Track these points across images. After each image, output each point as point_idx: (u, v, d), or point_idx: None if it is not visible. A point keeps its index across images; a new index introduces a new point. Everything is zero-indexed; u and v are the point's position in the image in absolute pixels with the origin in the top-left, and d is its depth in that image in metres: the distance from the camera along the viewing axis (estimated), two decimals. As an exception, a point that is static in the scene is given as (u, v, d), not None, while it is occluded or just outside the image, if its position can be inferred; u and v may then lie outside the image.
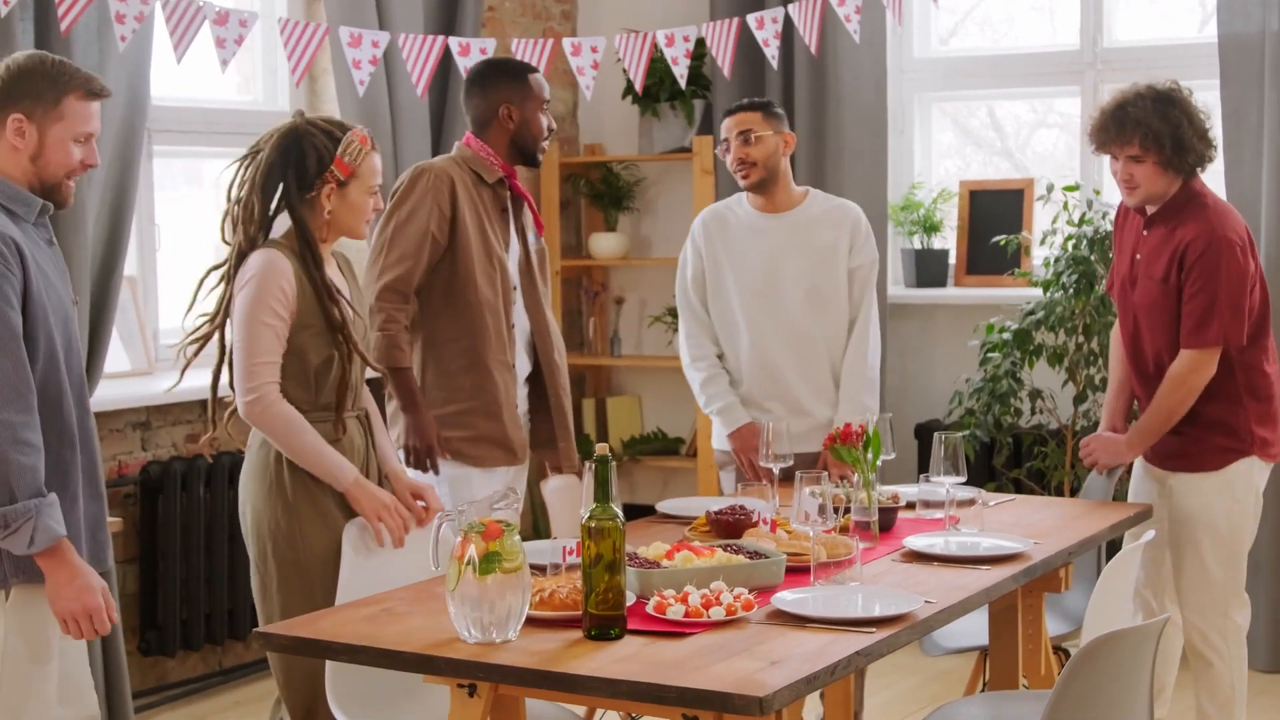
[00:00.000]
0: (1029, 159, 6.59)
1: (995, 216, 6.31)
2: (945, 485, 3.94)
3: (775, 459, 4.04)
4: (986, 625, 4.08)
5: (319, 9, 5.73)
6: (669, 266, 4.79)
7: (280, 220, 3.69)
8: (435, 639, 3.02)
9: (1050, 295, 5.60)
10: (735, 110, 4.61)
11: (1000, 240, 5.89)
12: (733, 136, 4.56)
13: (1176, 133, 4.14)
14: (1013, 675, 4.02)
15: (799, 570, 3.41)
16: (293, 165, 3.61)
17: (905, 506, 4.09)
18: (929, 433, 5.95)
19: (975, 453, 5.64)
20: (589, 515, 2.99)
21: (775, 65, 5.55)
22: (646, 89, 6.41)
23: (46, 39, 4.68)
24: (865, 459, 3.87)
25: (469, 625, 2.97)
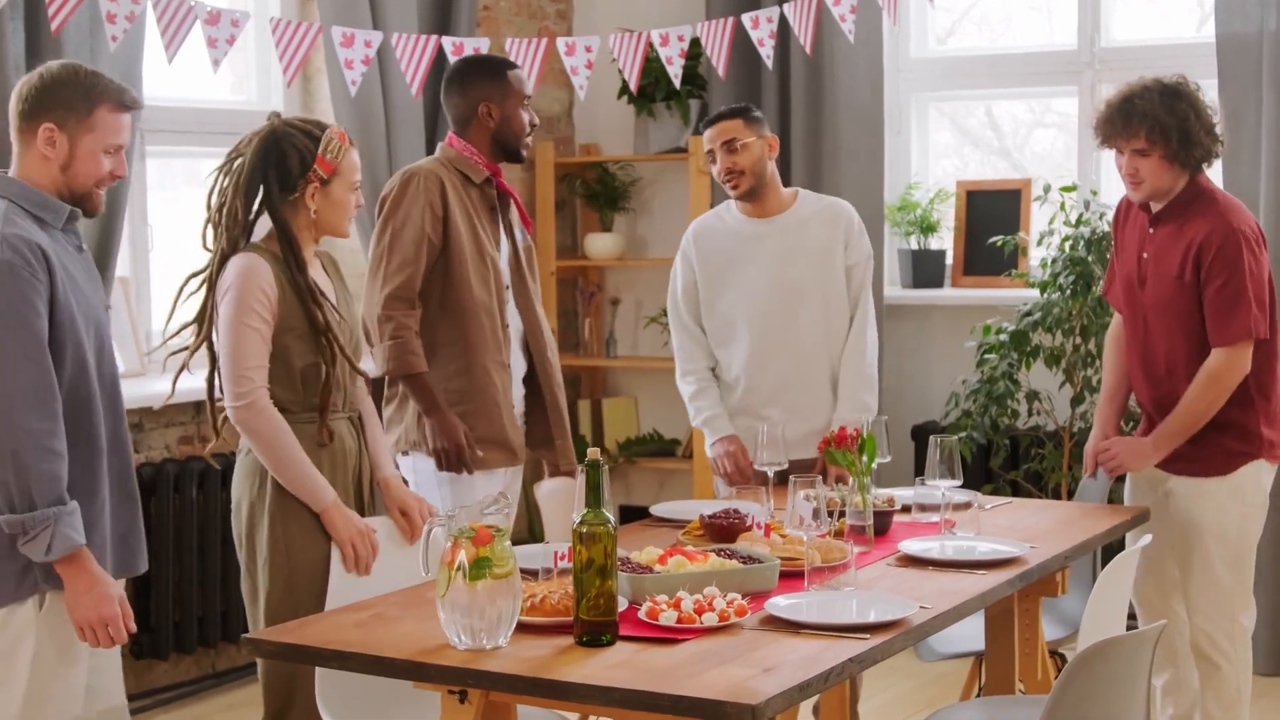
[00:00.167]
0: (1027, 159, 6.57)
1: (992, 217, 6.29)
2: (941, 489, 3.91)
3: (767, 463, 4.01)
4: (982, 630, 4.06)
5: (313, 9, 5.70)
6: (665, 267, 4.76)
7: (261, 224, 3.67)
8: (426, 645, 2.99)
9: (1047, 296, 5.57)
10: (715, 120, 4.56)
11: (997, 241, 5.87)
12: (717, 147, 4.52)
13: (1184, 126, 4.09)
14: (1009, 680, 4.00)
15: (793, 575, 3.39)
16: (274, 167, 3.59)
17: (901, 510, 4.07)
18: (926, 434, 5.91)
19: (972, 454, 5.63)
20: (580, 520, 2.97)
21: (770, 65, 5.52)
22: (642, 89, 6.39)
23: (37, 39, 4.66)
24: (860, 462, 3.84)
25: (459, 631, 2.95)
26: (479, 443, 4.21)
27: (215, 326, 3.59)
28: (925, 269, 6.37)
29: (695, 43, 5.37)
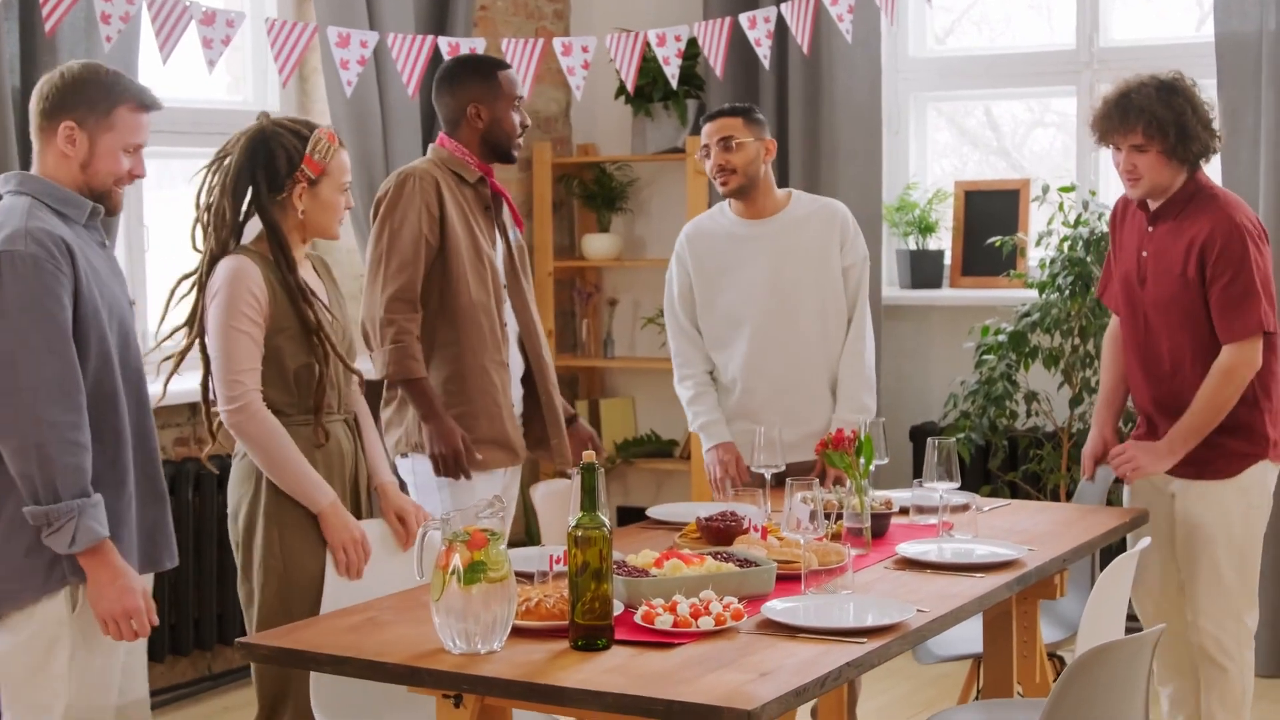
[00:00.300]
0: (1025, 158, 6.55)
1: (991, 217, 6.27)
2: (939, 491, 3.90)
3: (764, 465, 3.99)
4: (981, 632, 4.05)
5: (309, 9, 5.69)
6: (663, 267, 4.74)
7: (251, 226, 3.66)
8: (420, 649, 2.98)
9: (1046, 297, 5.56)
10: (716, 116, 4.54)
11: (996, 241, 5.85)
12: (713, 142, 4.50)
13: (1180, 120, 4.07)
14: (1007, 683, 3.98)
15: (790, 578, 3.37)
16: (262, 166, 3.58)
17: (899, 512, 4.05)
18: (924, 435, 5.90)
19: (970, 455, 5.61)
20: (575, 524, 2.95)
21: (767, 65, 5.50)
22: (639, 89, 6.37)
23: (31, 39, 4.64)
24: (858, 464, 3.82)
25: (454, 636, 2.93)
26: (480, 443, 4.19)
27: (205, 329, 3.57)
28: (923, 269, 6.35)
29: (692, 43, 5.35)
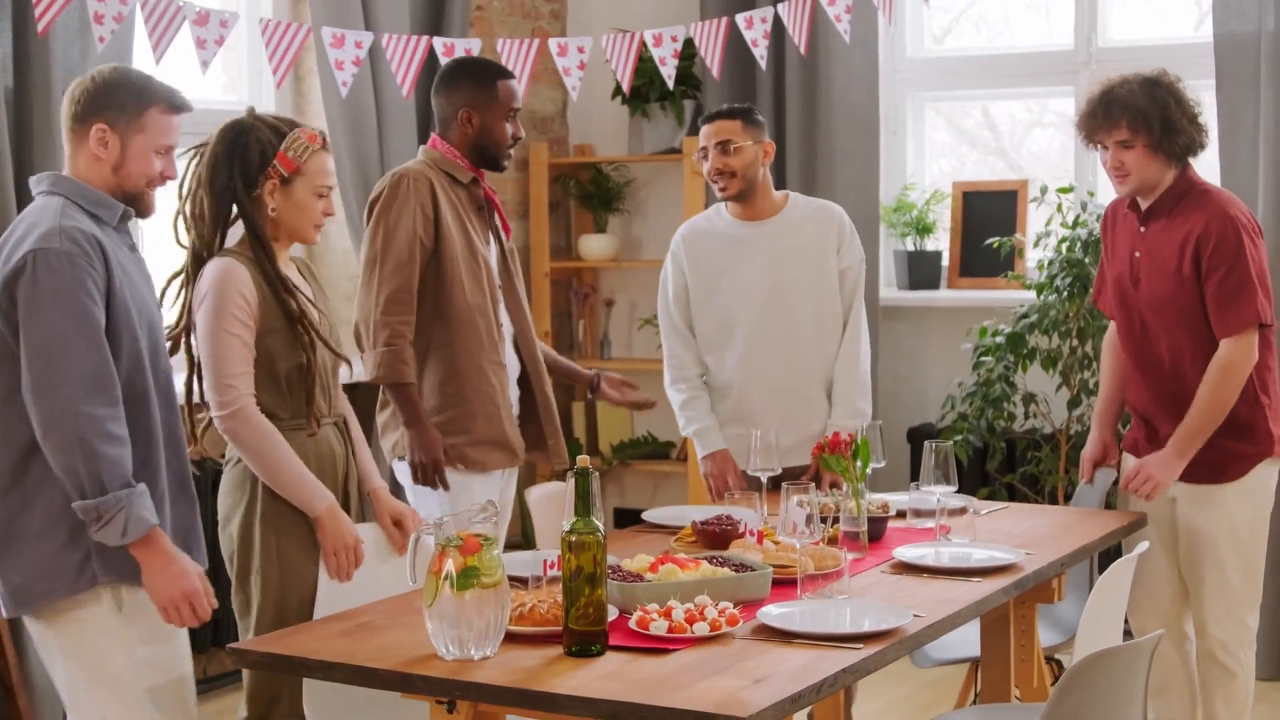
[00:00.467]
0: (1024, 158, 6.53)
1: (989, 218, 6.25)
2: (936, 494, 3.87)
3: (760, 468, 3.97)
4: (978, 636, 4.03)
5: (304, 9, 5.67)
6: (659, 268, 4.71)
7: (237, 229, 3.63)
8: (413, 655, 2.96)
9: (1044, 298, 5.54)
10: (714, 117, 4.51)
11: (994, 242, 5.83)
12: (711, 145, 4.47)
13: (1164, 113, 4.05)
14: (1005, 687, 3.96)
15: (786, 582, 3.35)
16: (238, 159, 3.54)
17: (896, 515, 4.03)
18: (921, 437, 5.89)
19: (968, 457, 5.59)
20: (570, 528, 2.93)
21: (764, 66, 5.48)
22: (636, 89, 6.35)
23: (24, 40, 4.62)
24: (854, 468, 3.80)
25: (447, 642, 2.91)
26: (478, 444, 4.17)
27: (192, 330, 3.54)
28: (921, 270, 6.33)
29: (689, 43, 5.33)
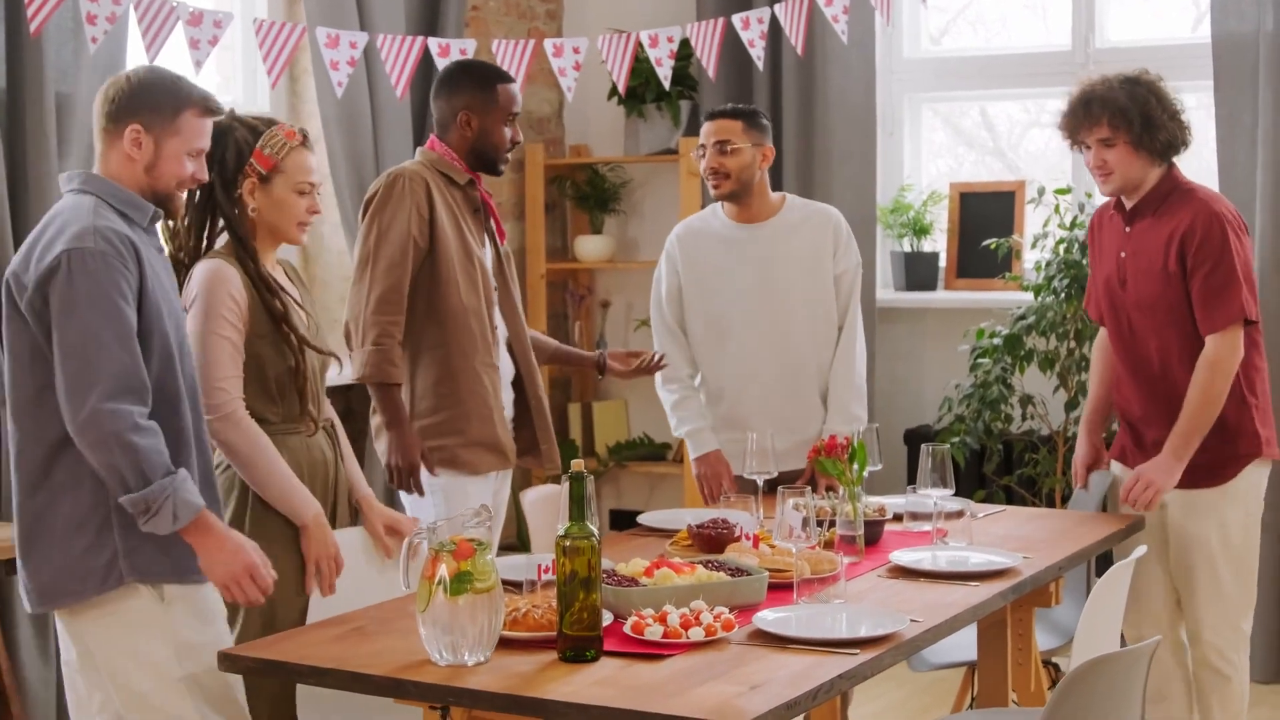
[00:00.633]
0: (1021, 159, 6.52)
1: (986, 219, 6.23)
2: (933, 497, 3.85)
3: (756, 472, 3.95)
4: (975, 639, 4.01)
5: (298, 9, 5.64)
6: (656, 269, 4.69)
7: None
8: (406, 660, 2.94)
9: (1041, 300, 5.52)
10: (717, 115, 4.49)
11: (991, 243, 5.82)
12: (710, 144, 4.45)
13: (1145, 110, 4.04)
14: (1002, 691, 3.94)
15: (782, 587, 3.33)
16: (216, 161, 3.52)
17: (892, 519, 4.01)
18: (918, 439, 5.88)
19: (965, 460, 5.57)
20: (564, 533, 2.91)
21: (761, 66, 5.46)
22: (632, 90, 6.33)
23: (16, 40, 4.60)
24: (850, 471, 3.78)
25: (440, 648, 2.89)
26: (470, 445, 4.14)
27: None
28: (918, 271, 6.31)
29: (685, 43, 5.31)
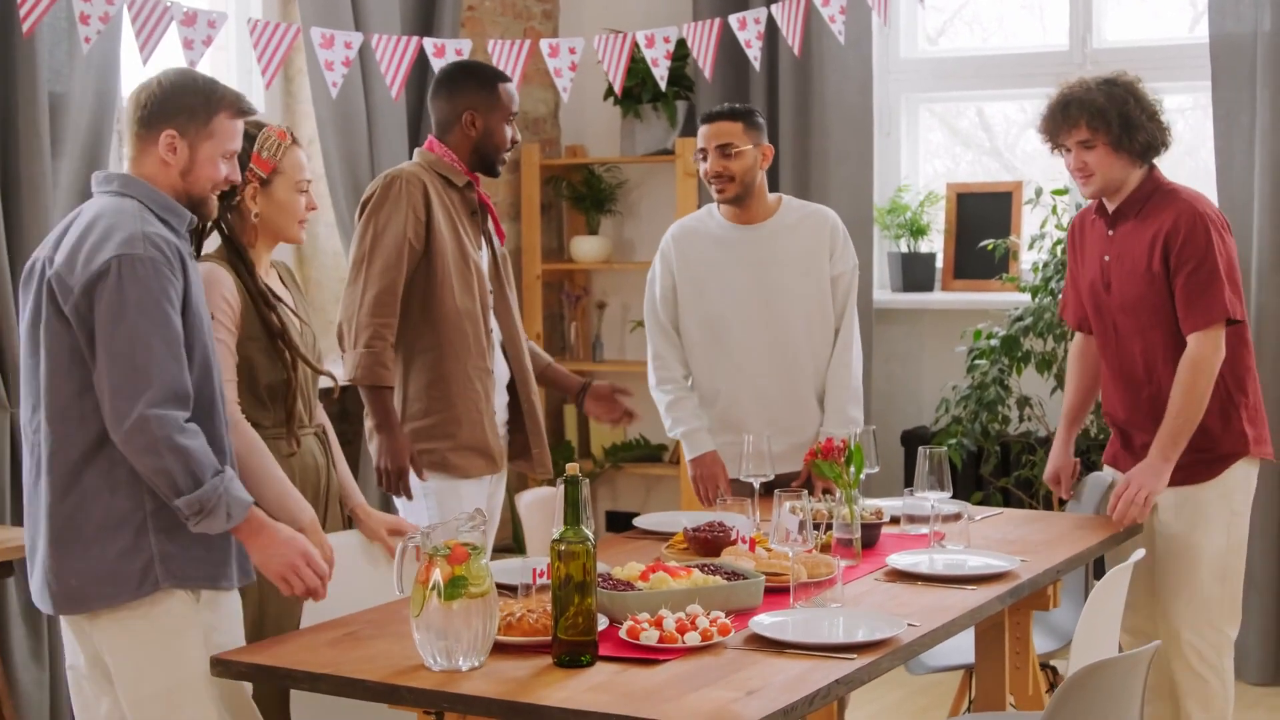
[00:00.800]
0: (1018, 160, 6.50)
1: (983, 219, 6.22)
2: (930, 500, 3.83)
3: (753, 474, 3.93)
4: (972, 643, 3.99)
5: (293, 9, 5.62)
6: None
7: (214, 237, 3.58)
8: (400, 665, 2.92)
9: (1039, 301, 5.51)
10: (715, 118, 4.44)
11: (988, 244, 5.80)
12: (711, 147, 4.41)
13: (1123, 110, 4.04)
14: (999, 694, 3.92)
15: (779, 590, 3.31)
16: None
17: (889, 521, 3.99)
18: (915, 440, 5.86)
19: (962, 461, 5.56)
20: (559, 537, 2.89)
21: (758, 67, 5.44)
22: (628, 90, 6.31)
23: (8, 40, 4.58)
24: (847, 474, 3.76)
25: (434, 653, 2.87)
26: (460, 449, 4.12)
27: None
28: (915, 272, 6.29)
29: (681, 44, 5.29)
